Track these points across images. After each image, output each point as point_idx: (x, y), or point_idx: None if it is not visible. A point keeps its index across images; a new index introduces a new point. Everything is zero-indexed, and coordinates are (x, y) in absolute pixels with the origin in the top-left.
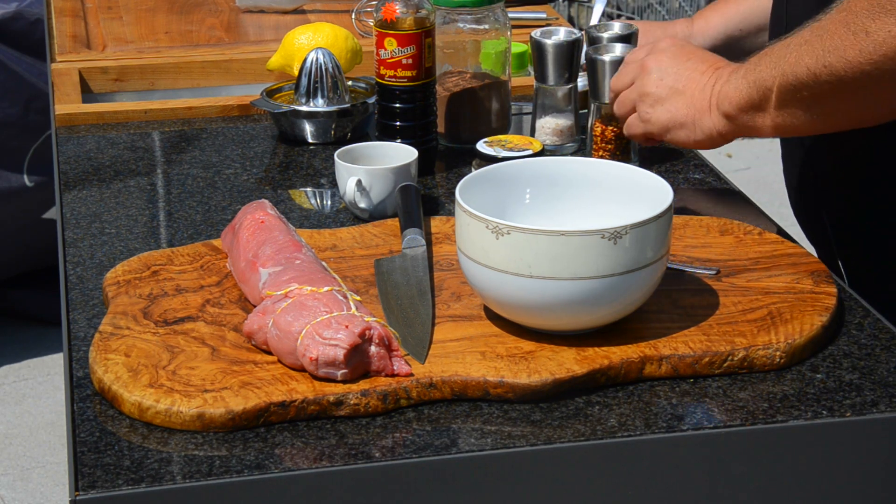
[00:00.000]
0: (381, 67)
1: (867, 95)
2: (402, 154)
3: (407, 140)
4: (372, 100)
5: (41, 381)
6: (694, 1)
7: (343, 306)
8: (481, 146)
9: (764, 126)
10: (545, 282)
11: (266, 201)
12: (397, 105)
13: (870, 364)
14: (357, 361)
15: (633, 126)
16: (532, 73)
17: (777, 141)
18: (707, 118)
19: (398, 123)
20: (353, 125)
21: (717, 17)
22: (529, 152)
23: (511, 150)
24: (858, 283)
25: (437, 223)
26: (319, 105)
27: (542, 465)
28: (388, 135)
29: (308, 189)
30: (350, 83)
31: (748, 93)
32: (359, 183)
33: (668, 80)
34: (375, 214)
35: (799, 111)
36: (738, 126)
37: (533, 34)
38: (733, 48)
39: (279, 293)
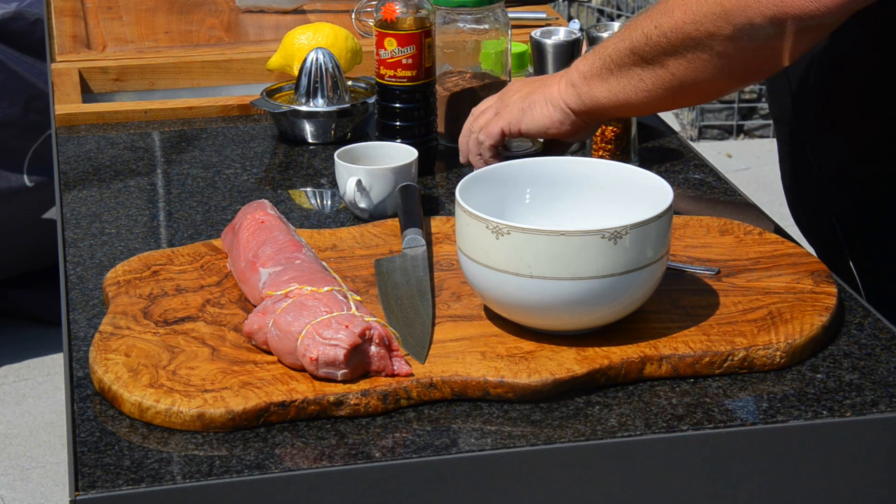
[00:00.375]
0: (381, 67)
1: (692, 61)
2: (402, 154)
3: (407, 140)
4: (372, 100)
5: (41, 381)
6: None
7: (343, 306)
8: None
9: (601, 96)
10: (545, 282)
11: (266, 201)
12: (397, 105)
13: (870, 364)
14: (357, 361)
15: (490, 124)
16: (532, 72)
17: (777, 140)
18: (555, 87)
19: (398, 123)
20: (353, 125)
21: None
22: (530, 152)
23: (511, 150)
24: (871, 281)
25: (437, 223)
26: (319, 105)
27: (542, 465)
28: (388, 135)
29: (308, 189)
30: (350, 83)
31: (592, 61)
32: (359, 183)
33: (528, 85)
34: (375, 214)
35: (634, 79)
36: (581, 97)
37: (533, 34)
38: None
39: (279, 293)
